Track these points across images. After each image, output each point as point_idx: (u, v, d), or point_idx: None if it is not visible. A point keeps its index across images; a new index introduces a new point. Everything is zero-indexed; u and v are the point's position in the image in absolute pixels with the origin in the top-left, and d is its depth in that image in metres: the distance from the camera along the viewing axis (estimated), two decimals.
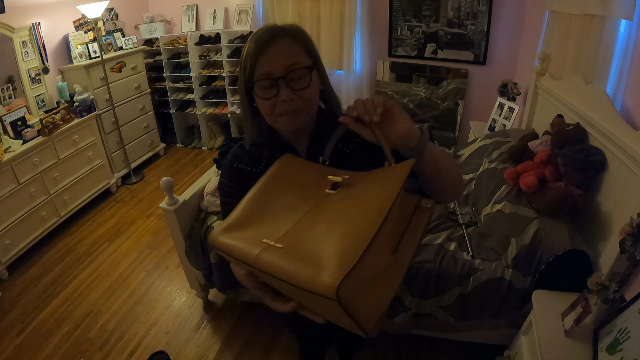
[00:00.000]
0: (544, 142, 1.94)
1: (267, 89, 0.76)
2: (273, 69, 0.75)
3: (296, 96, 0.76)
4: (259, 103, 0.80)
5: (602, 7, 1.72)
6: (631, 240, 1.17)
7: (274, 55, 0.75)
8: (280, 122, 0.81)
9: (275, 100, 0.76)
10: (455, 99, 3.42)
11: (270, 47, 0.75)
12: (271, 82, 0.75)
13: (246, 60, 0.78)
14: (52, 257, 2.73)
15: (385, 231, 0.56)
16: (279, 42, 0.76)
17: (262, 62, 0.75)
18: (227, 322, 2.16)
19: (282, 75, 0.75)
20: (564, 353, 1.23)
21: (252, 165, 0.89)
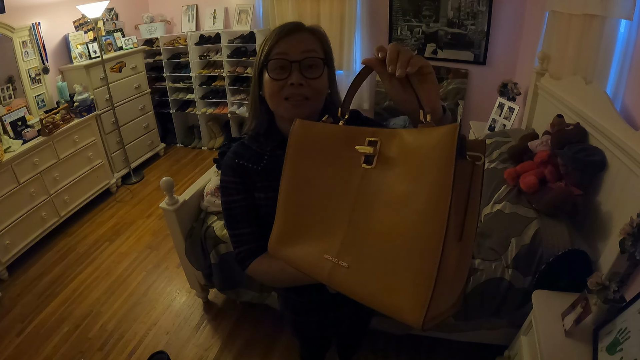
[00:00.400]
0: (544, 142, 1.94)
1: (279, 69, 0.78)
2: (290, 50, 0.78)
3: (306, 83, 0.78)
4: (268, 85, 0.80)
5: (602, 7, 1.72)
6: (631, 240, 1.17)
7: (294, 41, 0.79)
8: (284, 106, 0.81)
9: (284, 82, 0.78)
10: (455, 99, 3.42)
11: (292, 35, 0.79)
12: (285, 63, 0.77)
13: (265, 44, 0.80)
14: (52, 257, 2.73)
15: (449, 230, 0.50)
16: (300, 33, 0.80)
17: (281, 44, 0.78)
18: (227, 322, 2.16)
19: (297, 59, 0.77)
20: (564, 353, 1.23)
21: (253, 162, 0.88)
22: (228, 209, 0.91)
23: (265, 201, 0.88)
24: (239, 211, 0.90)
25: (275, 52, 0.78)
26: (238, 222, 0.90)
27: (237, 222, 0.90)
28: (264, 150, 0.89)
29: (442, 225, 0.49)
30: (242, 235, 0.90)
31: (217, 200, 2.02)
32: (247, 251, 0.90)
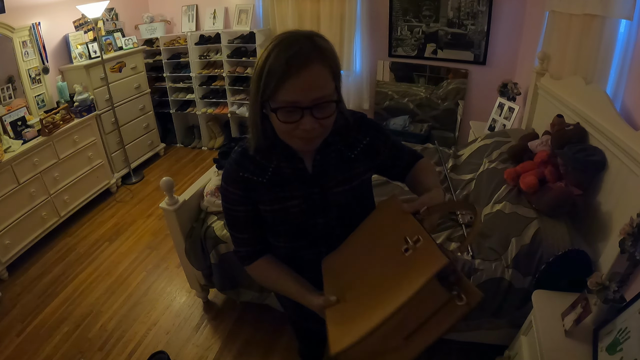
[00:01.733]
0: (544, 142, 1.94)
1: (289, 114, 0.74)
2: (301, 98, 0.72)
3: (318, 124, 0.76)
4: (276, 122, 0.77)
5: (602, 7, 1.72)
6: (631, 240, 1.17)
7: (304, 84, 0.71)
8: (295, 143, 0.80)
9: (296, 125, 0.75)
10: (455, 99, 3.42)
11: (302, 73, 0.71)
12: (296, 109, 0.73)
13: (270, 77, 0.72)
14: (52, 257, 2.73)
15: (395, 318, 0.62)
16: (311, 69, 0.71)
17: (290, 88, 0.71)
18: (227, 322, 2.16)
19: (309, 106, 0.73)
20: (564, 353, 1.23)
21: (258, 175, 0.87)
22: (229, 214, 0.93)
23: (272, 213, 0.90)
24: (241, 219, 0.92)
25: (286, 100, 0.72)
26: (239, 227, 0.93)
27: (239, 227, 0.93)
28: (269, 162, 0.87)
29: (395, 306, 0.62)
30: (243, 239, 0.94)
31: (217, 200, 2.02)
32: (246, 252, 0.95)
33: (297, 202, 0.88)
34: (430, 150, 2.67)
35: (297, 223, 0.91)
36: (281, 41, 0.73)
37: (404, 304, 0.61)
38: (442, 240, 1.77)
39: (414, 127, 3.60)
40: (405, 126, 3.61)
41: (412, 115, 3.61)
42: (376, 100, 3.69)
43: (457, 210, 0.75)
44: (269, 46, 0.75)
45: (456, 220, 1.94)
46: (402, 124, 3.62)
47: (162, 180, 1.84)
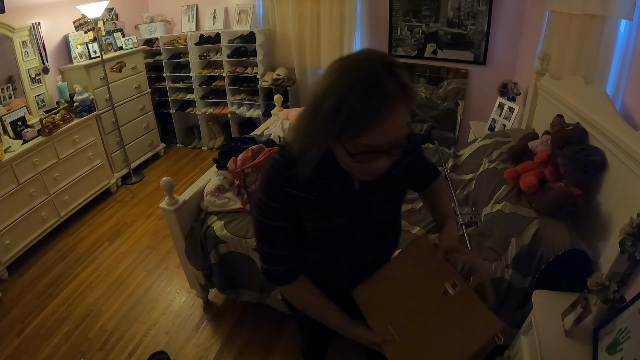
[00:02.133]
0: (544, 142, 1.94)
1: (365, 155, 0.70)
2: (382, 142, 0.68)
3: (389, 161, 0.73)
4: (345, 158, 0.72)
5: (602, 7, 1.72)
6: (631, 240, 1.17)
7: (387, 131, 0.67)
8: (360, 175, 0.79)
9: (368, 163, 0.72)
10: (455, 99, 3.42)
11: (388, 119, 0.66)
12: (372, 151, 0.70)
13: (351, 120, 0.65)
14: (52, 257, 2.73)
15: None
16: (396, 114, 0.67)
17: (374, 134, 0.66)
18: (227, 322, 2.16)
19: (386, 150, 0.70)
20: (564, 353, 1.23)
21: (305, 191, 0.82)
22: (266, 230, 0.87)
23: (319, 230, 0.89)
24: (280, 236, 0.88)
25: (364, 143, 0.67)
26: (275, 244, 0.88)
27: (275, 244, 0.88)
28: (317, 179, 0.82)
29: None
30: (278, 256, 0.90)
31: (217, 200, 2.02)
32: (283, 271, 0.92)
33: (343, 219, 0.87)
34: (430, 150, 2.67)
35: (341, 240, 0.92)
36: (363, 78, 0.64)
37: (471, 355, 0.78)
38: None
39: (414, 127, 3.60)
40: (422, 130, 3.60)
41: (412, 115, 3.61)
42: None
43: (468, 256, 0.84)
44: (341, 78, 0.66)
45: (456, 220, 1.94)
46: None
47: (162, 180, 1.84)
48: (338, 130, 0.67)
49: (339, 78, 0.66)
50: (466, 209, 2.00)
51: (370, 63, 0.66)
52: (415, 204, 2.07)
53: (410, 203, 2.08)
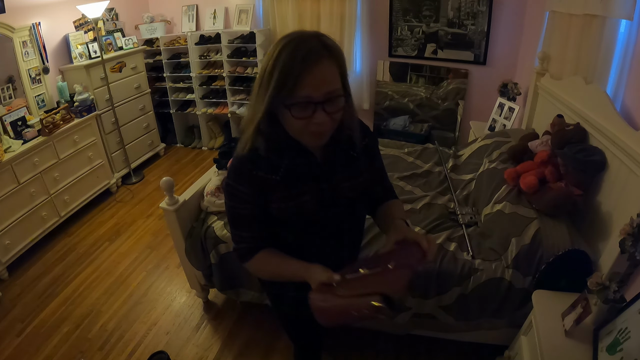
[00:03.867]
0: (544, 142, 1.94)
1: (303, 109, 0.78)
2: (314, 93, 0.77)
3: (329, 118, 0.80)
4: (289, 119, 0.81)
5: (602, 7, 1.72)
6: (631, 240, 1.17)
7: (317, 79, 0.76)
8: (306, 138, 0.85)
9: (308, 120, 0.79)
10: (456, 99, 3.42)
11: (315, 69, 0.76)
12: (309, 104, 0.78)
13: (286, 78, 0.76)
14: (52, 257, 2.73)
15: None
16: (322, 64, 0.77)
17: (304, 84, 0.76)
18: (227, 322, 2.16)
19: (321, 101, 0.78)
20: (564, 353, 1.23)
21: (271, 172, 0.89)
22: (234, 212, 0.95)
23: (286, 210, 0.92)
24: (246, 217, 0.94)
25: (300, 95, 0.76)
26: (242, 225, 0.96)
27: (241, 225, 0.96)
28: (281, 161, 0.89)
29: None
30: (244, 237, 0.97)
31: (217, 200, 2.02)
32: (246, 250, 0.97)
33: (309, 197, 0.92)
34: (430, 150, 2.67)
35: (310, 218, 0.94)
36: (290, 41, 0.77)
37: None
38: (442, 240, 1.77)
39: (414, 127, 3.60)
40: (406, 126, 3.61)
41: (412, 115, 3.61)
42: (376, 100, 3.69)
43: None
44: (276, 48, 0.78)
45: (456, 220, 1.94)
46: (402, 124, 3.62)
47: (162, 180, 1.84)
48: (276, 86, 0.77)
49: (274, 48, 0.79)
50: (466, 209, 2.00)
51: (299, 33, 0.80)
52: (416, 204, 2.07)
53: (410, 203, 2.08)
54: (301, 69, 0.75)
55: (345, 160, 0.95)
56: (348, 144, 0.94)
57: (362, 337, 1.98)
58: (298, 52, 0.75)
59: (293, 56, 0.75)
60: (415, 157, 2.58)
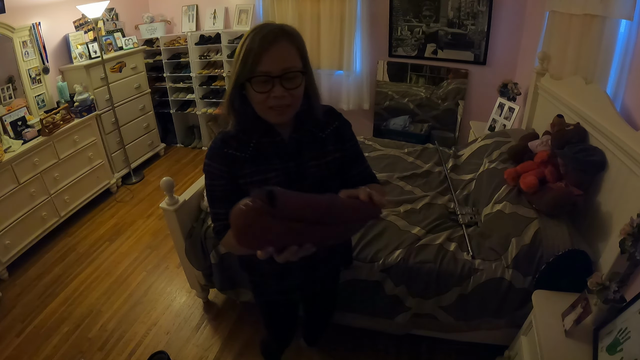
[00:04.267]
0: (544, 142, 1.94)
1: (263, 84, 0.87)
2: (272, 68, 0.86)
3: (287, 94, 0.89)
4: (253, 95, 0.90)
5: (602, 7, 1.72)
6: (631, 240, 1.17)
7: (274, 56, 0.86)
8: (269, 114, 0.92)
9: (268, 94, 0.88)
10: (456, 99, 3.42)
11: (272, 47, 0.86)
12: (268, 79, 0.87)
13: (247, 56, 0.87)
14: (52, 257, 2.73)
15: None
16: (280, 44, 0.87)
17: (264, 60, 0.86)
18: (227, 322, 2.16)
19: (278, 75, 0.87)
20: (564, 353, 1.23)
21: (240, 151, 0.98)
22: (211, 191, 1.02)
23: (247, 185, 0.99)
24: (220, 194, 1.01)
25: (259, 70, 0.86)
26: (217, 202, 1.02)
27: (217, 202, 1.02)
28: (250, 139, 0.98)
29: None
30: (220, 214, 1.02)
31: None
32: (221, 226, 1.02)
33: (275, 174, 0.99)
34: (430, 150, 2.67)
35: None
36: (255, 28, 0.89)
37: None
38: (442, 240, 1.77)
39: (414, 127, 3.60)
40: (406, 126, 3.61)
41: (412, 115, 3.61)
42: (376, 100, 3.69)
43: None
44: (245, 35, 0.90)
45: (456, 220, 1.94)
46: (402, 124, 3.62)
47: (162, 180, 1.83)
48: (241, 64, 0.88)
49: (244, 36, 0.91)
50: (466, 209, 2.00)
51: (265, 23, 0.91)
52: (416, 204, 2.07)
53: (411, 203, 2.08)
54: (261, 48, 0.85)
55: (312, 140, 1.02)
56: (315, 125, 1.03)
57: (362, 337, 1.98)
58: (259, 34, 0.87)
59: (254, 38, 0.86)
60: (415, 157, 2.58)
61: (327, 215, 0.73)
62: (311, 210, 0.71)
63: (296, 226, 0.69)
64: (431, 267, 1.66)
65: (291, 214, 0.68)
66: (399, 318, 1.75)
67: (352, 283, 1.73)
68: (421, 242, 1.76)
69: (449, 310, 1.70)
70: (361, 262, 1.71)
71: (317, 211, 0.71)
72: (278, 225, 0.68)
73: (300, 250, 0.72)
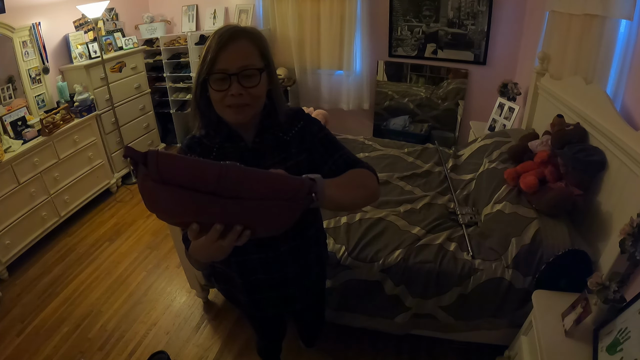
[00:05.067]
0: (544, 142, 1.94)
1: (220, 81, 0.87)
2: (229, 66, 0.86)
3: (245, 92, 0.88)
4: (212, 93, 0.89)
5: (602, 7, 1.72)
6: (631, 240, 1.17)
7: (232, 54, 0.86)
8: (227, 113, 0.91)
9: (226, 92, 0.87)
10: (456, 99, 3.42)
11: (230, 46, 0.86)
12: (225, 76, 0.86)
13: (207, 54, 0.87)
14: (52, 257, 2.73)
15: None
16: (238, 42, 0.87)
17: (221, 58, 0.86)
18: (227, 322, 2.16)
19: (235, 73, 0.86)
20: (564, 353, 1.23)
21: (204, 155, 0.97)
22: None
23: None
24: None
25: (217, 68, 0.86)
26: None
27: None
28: (213, 144, 0.98)
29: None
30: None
31: None
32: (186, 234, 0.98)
33: None
34: (431, 150, 2.67)
35: None
36: (218, 30, 0.89)
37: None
38: (442, 240, 1.77)
39: (414, 127, 3.60)
40: (406, 126, 3.61)
41: (412, 115, 3.61)
42: (376, 100, 3.69)
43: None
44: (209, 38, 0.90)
45: (456, 220, 1.94)
46: (402, 124, 3.62)
47: None
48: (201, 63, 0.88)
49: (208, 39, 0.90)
50: (466, 209, 2.00)
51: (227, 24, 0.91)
52: (416, 204, 2.07)
53: (410, 203, 2.08)
54: (219, 46, 0.85)
55: (276, 144, 1.00)
56: (279, 129, 1.01)
57: (362, 337, 1.98)
58: (218, 33, 0.87)
59: (214, 37, 0.87)
60: (415, 157, 2.58)
61: (221, 182, 0.64)
62: (200, 175, 0.63)
63: (198, 197, 0.64)
64: (431, 267, 1.66)
65: (177, 179, 0.62)
66: (399, 318, 1.75)
67: (352, 283, 1.73)
68: (421, 242, 1.76)
69: (448, 310, 1.70)
70: (361, 262, 1.71)
71: (206, 177, 0.63)
72: (167, 191, 0.63)
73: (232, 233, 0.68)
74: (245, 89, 0.87)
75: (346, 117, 3.80)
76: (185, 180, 0.63)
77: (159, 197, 0.65)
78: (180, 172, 0.63)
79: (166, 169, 0.62)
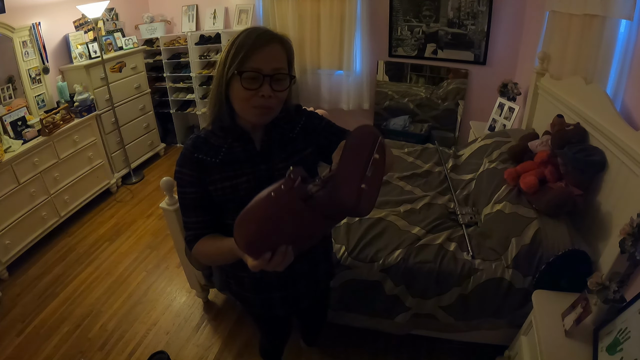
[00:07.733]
0: (544, 142, 1.94)
1: (252, 80, 0.86)
2: (263, 66, 0.86)
3: (273, 95, 0.88)
4: (238, 91, 0.88)
5: (602, 7, 1.72)
6: (631, 240, 1.17)
7: (268, 56, 0.86)
8: (252, 113, 0.90)
9: (255, 92, 0.87)
10: (456, 99, 3.42)
11: (267, 47, 0.86)
12: (258, 76, 0.86)
13: (239, 50, 0.86)
14: (52, 257, 2.73)
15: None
16: (273, 45, 0.87)
17: (256, 57, 0.85)
18: (227, 322, 2.16)
19: (269, 74, 0.86)
20: (564, 353, 1.23)
21: (211, 155, 0.96)
22: (182, 198, 0.99)
23: (222, 190, 0.96)
24: (190, 202, 0.98)
25: (251, 66, 0.85)
26: (188, 211, 1.00)
27: (188, 211, 1.00)
28: (222, 144, 0.96)
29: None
30: (190, 223, 1.00)
31: None
32: (192, 236, 1.00)
33: (246, 178, 0.97)
34: (431, 150, 2.67)
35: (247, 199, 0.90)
36: (246, 29, 0.89)
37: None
38: (442, 240, 1.77)
39: (414, 127, 3.60)
40: (406, 126, 3.61)
41: (412, 115, 3.61)
42: (376, 100, 3.69)
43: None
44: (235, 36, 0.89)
45: (456, 220, 1.94)
46: (402, 124, 3.62)
47: (162, 180, 1.84)
48: (232, 58, 0.86)
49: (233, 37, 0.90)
50: (466, 209, 2.00)
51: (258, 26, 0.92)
52: (416, 204, 2.07)
53: (411, 203, 2.08)
54: (254, 45, 0.85)
55: (282, 142, 1.01)
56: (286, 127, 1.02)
57: (362, 337, 1.98)
58: (252, 33, 0.87)
59: (250, 35, 0.86)
60: (415, 157, 2.58)
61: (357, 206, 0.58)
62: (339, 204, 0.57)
63: (322, 224, 0.61)
64: (431, 267, 1.66)
65: (330, 210, 0.56)
66: (399, 318, 1.75)
67: (352, 283, 1.73)
68: (421, 242, 1.76)
69: (449, 310, 1.70)
70: (361, 262, 1.71)
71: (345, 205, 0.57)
72: (310, 214, 0.55)
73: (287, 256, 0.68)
74: (274, 92, 0.88)
75: (346, 117, 3.80)
76: (333, 213, 0.58)
77: (289, 217, 0.59)
78: (336, 205, 0.57)
79: (337, 199, 0.57)
